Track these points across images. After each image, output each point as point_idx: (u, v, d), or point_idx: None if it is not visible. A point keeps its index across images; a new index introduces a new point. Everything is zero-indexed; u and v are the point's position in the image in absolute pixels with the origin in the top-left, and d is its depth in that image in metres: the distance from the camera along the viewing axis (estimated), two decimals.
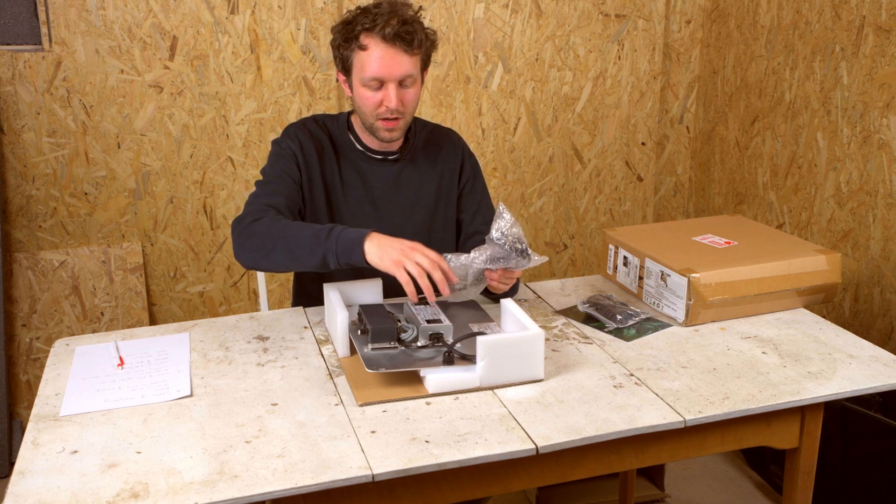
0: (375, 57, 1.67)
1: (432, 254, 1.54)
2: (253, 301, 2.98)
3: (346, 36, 1.70)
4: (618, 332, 1.72)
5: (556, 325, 1.76)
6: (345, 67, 1.74)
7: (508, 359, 1.47)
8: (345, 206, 1.84)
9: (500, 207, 1.60)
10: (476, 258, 1.63)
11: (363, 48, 1.68)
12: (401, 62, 1.67)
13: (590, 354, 1.62)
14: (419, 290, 1.53)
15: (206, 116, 2.78)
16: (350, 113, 1.88)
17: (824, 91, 2.55)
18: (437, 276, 1.51)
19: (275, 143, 1.83)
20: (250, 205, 1.70)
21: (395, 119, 1.72)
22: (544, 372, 1.51)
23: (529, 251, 1.60)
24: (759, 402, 1.45)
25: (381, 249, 1.54)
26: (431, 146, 1.91)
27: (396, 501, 1.33)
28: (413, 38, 1.67)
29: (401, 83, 1.70)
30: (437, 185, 1.90)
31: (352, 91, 1.76)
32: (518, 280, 1.80)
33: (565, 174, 3.19)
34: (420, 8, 1.77)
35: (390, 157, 1.86)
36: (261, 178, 1.80)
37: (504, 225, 1.59)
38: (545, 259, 1.62)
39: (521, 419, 1.38)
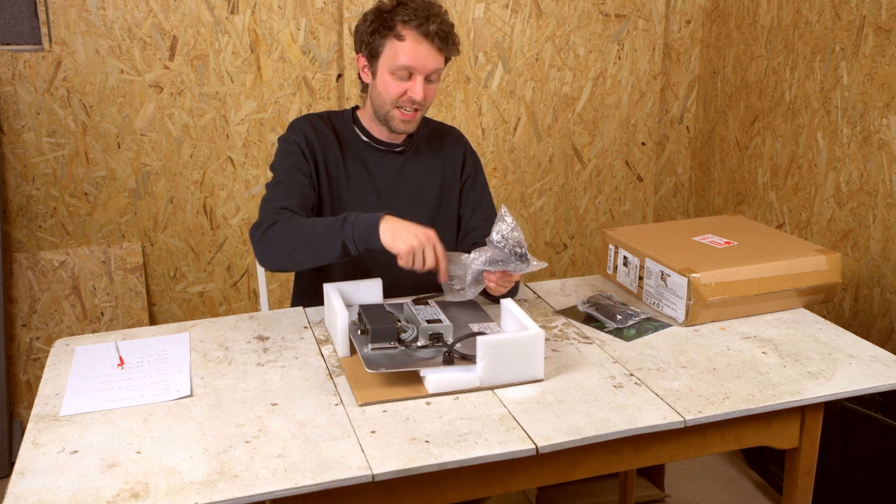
0: (411, 48, 1.72)
1: (440, 250, 1.58)
2: (253, 301, 2.98)
3: (383, 23, 1.73)
4: (618, 332, 1.72)
5: (556, 325, 1.76)
6: (372, 53, 1.77)
7: (508, 359, 1.47)
8: (349, 198, 1.86)
9: (503, 210, 1.61)
10: (475, 259, 1.63)
11: (400, 38, 1.72)
12: (434, 58, 1.74)
13: (590, 354, 1.62)
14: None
15: (206, 116, 2.78)
16: (354, 108, 1.90)
17: (824, 91, 2.55)
18: (435, 268, 1.59)
19: (281, 139, 1.86)
20: (264, 210, 1.74)
21: (415, 111, 1.77)
22: (544, 372, 1.51)
23: (529, 256, 1.61)
24: (759, 402, 1.45)
25: (394, 233, 1.57)
26: (434, 141, 1.94)
27: (396, 501, 1.33)
28: (448, 38, 1.74)
29: (427, 78, 1.75)
30: (440, 179, 1.92)
31: (373, 77, 1.79)
32: (518, 281, 1.81)
33: (565, 174, 3.19)
34: (446, 12, 1.80)
35: (395, 149, 1.88)
36: (271, 175, 1.84)
37: (505, 228, 1.59)
38: (544, 265, 1.63)
39: (521, 419, 1.38)
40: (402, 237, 1.55)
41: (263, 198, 1.78)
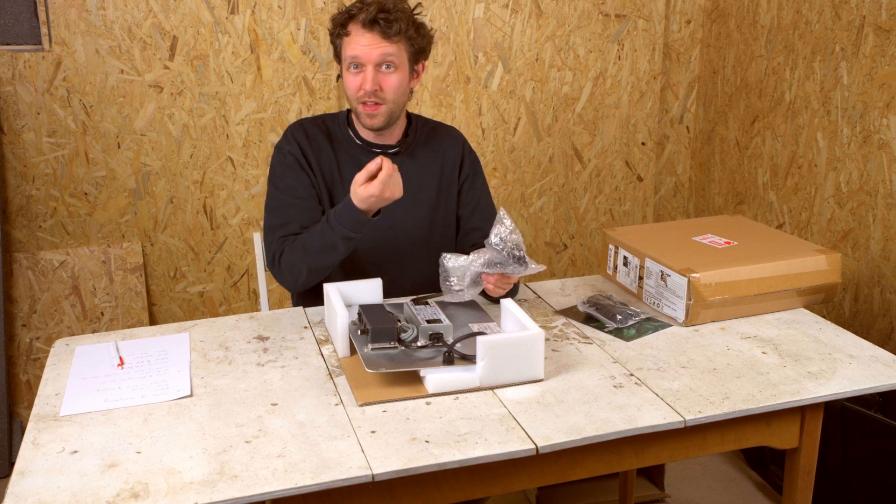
0: (355, 40, 1.74)
1: (386, 164, 1.62)
2: (253, 301, 2.98)
3: (336, 25, 1.78)
4: (618, 332, 1.72)
5: (556, 325, 1.76)
6: (337, 56, 1.82)
7: (508, 359, 1.47)
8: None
9: (501, 213, 1.61)
10: (474, 261, 1.64)
11: (347, 34, 1.75)
12: (377, 45, 1.73)
13: (590, 354, 1.62)
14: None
15: (206, 116, 2.78)
16: (350, 110, 1.90)
17: (824, 91, 2.55)
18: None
19: (276, 149, 1.88)
20: (269, 243, 1.81)
21: (376, 104, 1.76)
22: (544, 372, 1.51)
23: (527, 259, 1.61)
24: (759, 402, 1.45)
25: (367, 200, 1.62)
26: (432, 142, 1.93)
27: (396, 501, 1.33)
28: (391, 25, 1.72)
29: (380, 68, 1.74)
30: (437, 180, 1.91)
31: (342, 78, 1.82)
32: (518, 281, 1.81)
33: (565, 174, 3.19)
34: (418, 4, 1.80)
35: (390, 151, 1.87)
36: (267, 190, 1.86)
37: (503, 231, 1.59)
38: (542, 268, 1.63)
39: (521, 419, 1.38)
40: (375, 194, 1.61)
41: (265, 225, 1.83)
